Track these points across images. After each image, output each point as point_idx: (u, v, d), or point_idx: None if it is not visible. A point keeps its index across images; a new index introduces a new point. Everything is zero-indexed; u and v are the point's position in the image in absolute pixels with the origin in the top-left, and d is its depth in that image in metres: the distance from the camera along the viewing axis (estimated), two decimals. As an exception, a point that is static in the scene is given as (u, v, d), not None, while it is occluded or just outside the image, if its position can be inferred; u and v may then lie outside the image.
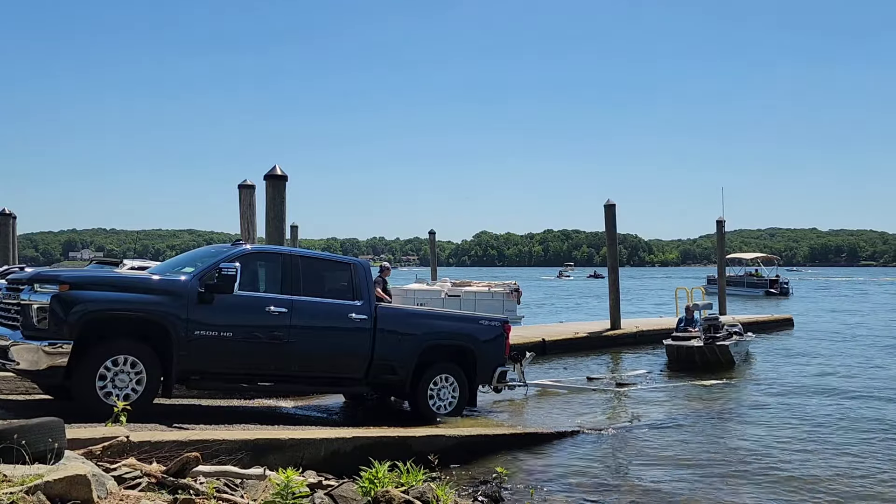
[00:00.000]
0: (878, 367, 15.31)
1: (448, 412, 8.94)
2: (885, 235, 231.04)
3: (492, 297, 20.16)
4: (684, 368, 14.39)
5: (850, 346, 19.47)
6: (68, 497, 3.82)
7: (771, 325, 23.54)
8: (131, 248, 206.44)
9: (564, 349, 17.10)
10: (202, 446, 5.54)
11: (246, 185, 12.91)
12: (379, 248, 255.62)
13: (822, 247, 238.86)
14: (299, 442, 6.46)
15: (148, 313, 7.07)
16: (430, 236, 33.56)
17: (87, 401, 6.63)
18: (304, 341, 8.02)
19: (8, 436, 4.17)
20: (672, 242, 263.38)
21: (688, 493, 6.73)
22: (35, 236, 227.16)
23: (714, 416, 10.26)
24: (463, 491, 6.26)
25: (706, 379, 13.39)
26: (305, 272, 8.25)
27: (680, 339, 15.36)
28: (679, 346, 14.83)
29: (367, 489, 5.04)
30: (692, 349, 14.56)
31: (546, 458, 7.82)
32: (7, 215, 20.18)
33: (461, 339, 9.26)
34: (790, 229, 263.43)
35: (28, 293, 6.78)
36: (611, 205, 19.94)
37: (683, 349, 14.69)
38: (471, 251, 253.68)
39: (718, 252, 27.61)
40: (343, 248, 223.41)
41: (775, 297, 45.62)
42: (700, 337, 15.00)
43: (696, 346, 14.54)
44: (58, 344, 6.58)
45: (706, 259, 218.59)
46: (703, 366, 14.39)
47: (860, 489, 6.92)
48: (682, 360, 14.69)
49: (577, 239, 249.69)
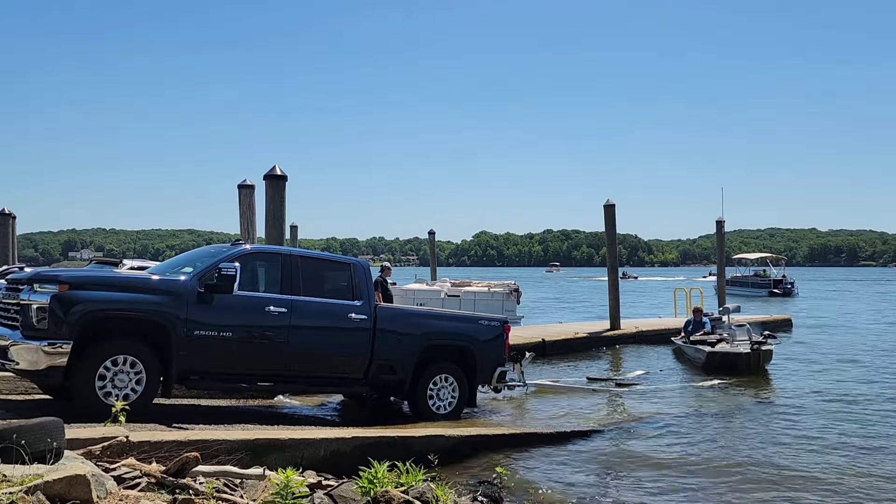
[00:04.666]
0: (878, 368, 15.31)
1: (448, 412, 8.94)
2: (884, 235, 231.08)
3: (491, 297, 20.14)
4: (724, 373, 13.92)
5: (850, 345, 19.46)
6: (68, 497, 3.81)
7: (769, 326, 23.49)
8: (131, 248, 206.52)
9: (564, 349, 17.09)
10: (202, 446, 5.53)
11: (246, 185, 12.90)
12: (379, 248, 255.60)
13: (821, 247, 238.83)
14: (299, 442, 6.46)
15: (147, 313, 7.06)
16: (429, 236, 33.56)
17: (86, 401, 6.63)
18: (304, 341, 8.01)
19: (7, 436, 4.16)
20: (672, 242, 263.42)
21: (688, 494, 6.72)
22: (35, 236, 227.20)
23: (714, 417, 10.25)
24: (463, 491, 6.25)
25: (707, 380, 13.39)
26: (305, 272, 8.24)
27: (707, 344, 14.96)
28: (725, 353, 14.35)
29: (367, 489, 5.04)
30: (739, 355, 14.14)
31: (546, 458, 7.81)
32: (7, 215, 20.17)
33: (461, 339, 9.26)
34: (790, 229, 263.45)
35: (28, 293, 6.78)
36: (610, 205, 19.95)
37: (730, 355, 14.23)
38: (470, 251, 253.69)
39: (718, 252, 27.60)
40: (343, 248, 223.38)
41: (779, 297, 45.57)
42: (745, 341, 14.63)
43: (742, 353, 14.14)
44: (57, 344, 6.58)
45: (706, 259, 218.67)
46: (746, 371, 13.98)
47: (865, 489, 6.90)
48: (725, 367, 14.17)
49: (576, 239, 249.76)
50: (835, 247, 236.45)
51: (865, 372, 14.69)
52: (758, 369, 14.18)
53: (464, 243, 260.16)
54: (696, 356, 15.27)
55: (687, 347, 16.02)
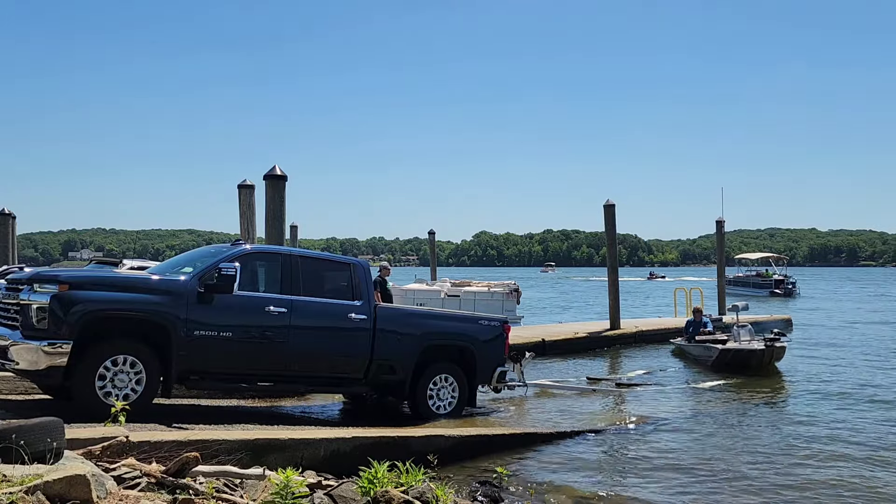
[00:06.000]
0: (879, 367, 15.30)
1: (448, 412, 8.94)
2: (884, 235, 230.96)
3: (491, 297, 20.14)
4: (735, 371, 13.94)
5: (850, 346, 19.45)
6: (68, 497, 3.81)
7: (769, 326, 23.47)
8: (131, 248, 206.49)
9: (564, 349, 17.09)
10: (202, 446, 5.53)
11: (246, 184, 12.89)
12: (379, 248, 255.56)
13: (821, 247, 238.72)
14: (299, 442, 6.46)
15: (147, 313, 7.06)
16: (429, 236, 33.54)
17: (86, 401, 6.63)
18: (304, 341, 8.01)
19: (7, 436, 4.16)
20: (672, 242, 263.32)
21: (688, 494, 6.71)
22: (35, 236, 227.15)
23: (715, 417, 10.24)
24: (462, 491, 6.24)
25: (708, 380, 13.39)
26: (305, 272, 8.25)
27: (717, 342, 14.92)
28: (739, 350, 14.25)
29: (367, 489, 5.04)
30: (753, 352, 14.05)
31: (546, 458, 7.81)
32: (7, 215, 20.17)
33: (461, 339, 9.26)
34: (790, 229, 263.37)
35: (27, 293, 6.78)
36: (610, 205, 19.94)
37: (744, 352, 14.14)
38: (470, 251, 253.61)
39: (718, 252, 27.58)
40: (343, 248, 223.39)
41: (780, 297, 45.56)
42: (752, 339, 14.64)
43: (756, 349, 14.06)
44: (57, 344, 6.59)
45: (706, 259, 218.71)
46: (758, 369, 13.99)
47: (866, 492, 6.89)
48: (737, 364, 14.14)
49: (576, 239, 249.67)
50: (835, 247, 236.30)
51: (867, 372, 14.68)
52: (768, 367, 14.17)
53: (464, 243, 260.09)
54: (704, 354, 15.18)
55: (692, 347, 15.97)
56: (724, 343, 14.87)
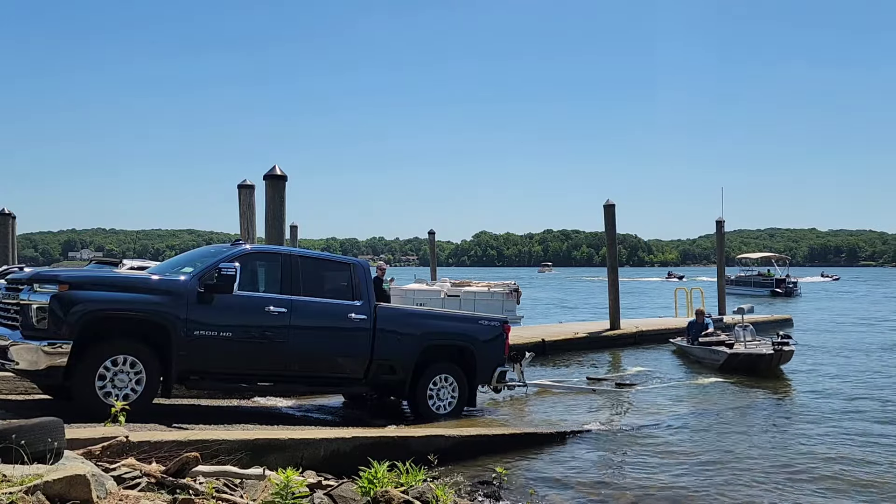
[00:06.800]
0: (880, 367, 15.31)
1: (447, 412, 8.94)
2: (884, 235, 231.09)
3: (491, 297, 20.15)
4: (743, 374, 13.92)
5: (849, 346, 19.45)
6: (68, 497, 3.81)
7: (769, 326, 23.48)
8: (131, 248, 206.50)
9: (564, 349, 17.10)
10: (201, 446, 5.53)
11: (245, 185, 12.90)
12: (378, 248, 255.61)
13: (821, 247, 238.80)
14: (299, 442, 6.46)
15: (147, 313, 7.06)
16: (429, 236, 33.55)
17: (86, 401, 6.63)
18: (304, 341, 8.01)
19: (7, 436, 4.16)
20: (672, 242, 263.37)
21: (688, 494, 6.72)
22: (34, 236, 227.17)
23: (715, 416, 10.25)
24: (463, 491, 6.24)
25: (708, 378, 13.39)
26: (305, 272, 8.25)
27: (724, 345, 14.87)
28: (749, 354, 14.24)
29: (367, 489, 5.04)
30: (762, 356, 14.06)
31: (546, 458, 7.81)
32: (7, 215, 20.17)
33: (461, 339, 9.27)
34: (790, 229, 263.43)
35: (27, 293, 6.78)
36: (610, 205, 19.95)
37: (753, 356, 14.15)
38: (470, 251, 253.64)
39: (718, 252, 27.59)
40: (342, 248, 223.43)
41: (780, 297, 45.54)
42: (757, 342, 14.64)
43: (765, 353, 14.05)
44: (57, 344, 6.58)
45: (706, 259, 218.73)
46: (767, 372, 13.97)
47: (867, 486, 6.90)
48: (746, 368, 14.13)
49: (576, 239, 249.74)
50: (835, 247, 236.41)
51: (868, 372, 14.68)
52: (775, 370, 14.14)
53: (464, 243, 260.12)
54: (710, 357, 15.12)
55: (696, 348, 15.93)
56: (730, 346, 14.82)
